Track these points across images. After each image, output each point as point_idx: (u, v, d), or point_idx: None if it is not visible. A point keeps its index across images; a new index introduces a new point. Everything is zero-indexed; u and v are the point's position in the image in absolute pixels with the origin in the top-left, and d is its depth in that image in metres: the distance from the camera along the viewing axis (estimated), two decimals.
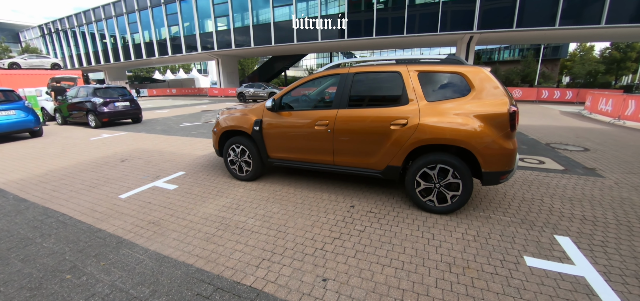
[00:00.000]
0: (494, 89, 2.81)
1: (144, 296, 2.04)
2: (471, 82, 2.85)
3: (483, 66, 3.00)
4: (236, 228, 2.92)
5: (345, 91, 3.33)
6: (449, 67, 2.97)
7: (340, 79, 3.39)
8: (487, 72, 2.87)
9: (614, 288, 1.99)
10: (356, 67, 3.37)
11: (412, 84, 3.02)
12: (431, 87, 2.98)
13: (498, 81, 2.86)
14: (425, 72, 3.02)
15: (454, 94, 2.90)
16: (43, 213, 3.41)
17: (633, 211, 3.13)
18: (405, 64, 3.12)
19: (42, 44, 36.21)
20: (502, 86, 2.86)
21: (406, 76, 3.06)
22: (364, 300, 1.92)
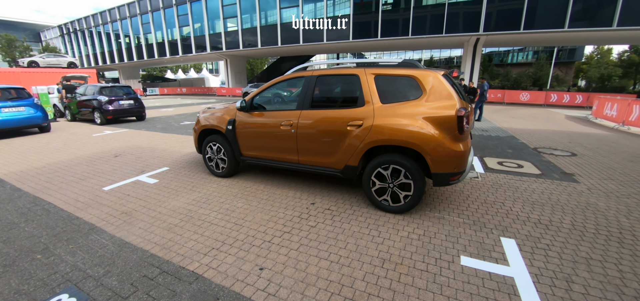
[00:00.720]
0: (444, 92, 2.88)
1: (97, 275, 2.25)
2: (423, 85, 2.94)
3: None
4: (198, 220, 3.11)
5: (308, 92, 3.47)
6: (403, 71, 3.07)
7: (305, 81, 3.54)
8: (438, 75, 2.95)
9: (539, 289, 2.05)
10: (319, 70, 3.50)
11: (369, 87, 3.13)
12: (386, 90, 3.09)
13: (449, 85, 2.93)
14: (381, 75, 3.13)
15: (407, 96, 3.00)
16: (32, 201, 3.70)
17: (594, 216, 3.13)
18: (363, 68, 3.23)
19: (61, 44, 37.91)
20: (453, 89, 2.93)
21: (363, 78, 3.17)
22: (291, 287, 2.06)
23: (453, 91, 2.90)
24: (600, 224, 2.97)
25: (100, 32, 34.99)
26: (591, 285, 2.09)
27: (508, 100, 19.21)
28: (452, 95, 2.86)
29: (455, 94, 2.91)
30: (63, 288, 2.14)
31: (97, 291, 2.09)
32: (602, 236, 2.74)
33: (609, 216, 3.15)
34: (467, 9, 17.93)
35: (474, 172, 4.62)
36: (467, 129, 2.89)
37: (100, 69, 37.98)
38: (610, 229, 2.87)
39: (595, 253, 2.48)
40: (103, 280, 2.21)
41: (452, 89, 2.91)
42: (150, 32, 32.46)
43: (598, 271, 2.24)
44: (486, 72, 34.36)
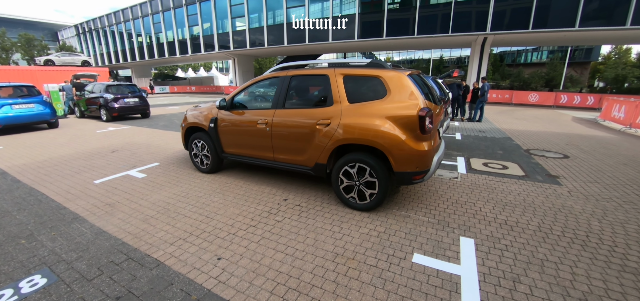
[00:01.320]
0: (408, 92, 2.93)
1: (70, 259, 2.43)
2: (387, 85, 3.00)
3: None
4: (173, 212, 3.27)
5: (282, 92, 3.58)
6: (369, 71, 3.13)
7: (280, 81, 3.65)
8: (403, 76, 3.00)
9: (482, 288, 2.09)
10: (293, 71, 3.61)
11: (337, 87, 3.21)
12: (354, 90, 3.16)
13: (413, 85, 2.98)
14: (349, 75, 3.20)
15: (373, 96, 3.06)
16: (28, 192, 3.96)
17: (564, 219, 3.11)
18: (333, 68, 3.32)
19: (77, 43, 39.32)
20: (418, 89, 2.98)
21: (333, 78, 3.25)
22: (241, 277, 2.18)
23: (417, 91, 2.94)
24: (568, 226, 2.96)
25: (113, 32, 36.10)
26: (538, 286, 2.12)
27: (516, 101, 18.79)
28: (415, 95, 2.91)
29: (420, 94, 2.95)
30: (38, 269, 2.33)
31: (67, 273, 2.27)
32: (566, 238, 2.74)
33: (581, 219, 3.13)
34: (474, 8, 17.63)
35: (455, 172, 4.63)
36: (430, 129, 2.93)
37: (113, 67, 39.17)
38: (577, 232, 2.86)
39: (554, 255, 2.49)
40: (74, 263, 2.39)
41: (417, 90, 2.96)
42: (161, 32, 33.26)
43: (550, 273, 2.26)
44: (497, 72, 33.64)
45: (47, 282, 2.18)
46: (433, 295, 2.01)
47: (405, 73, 3.05)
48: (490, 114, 13.36)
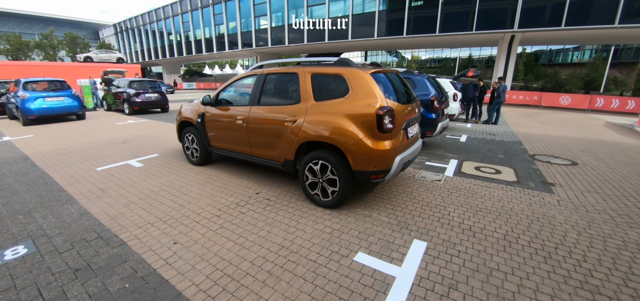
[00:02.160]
0: (368, 90, 2.93)
1: (51, 235, 2.75)
2: (350, 83, 3.02)
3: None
4: (153, 199, 3.53)
5: (257, 89, 3.71)
6: (334, 69, 3.16)
7: (257, 78, 3.79)
8: (364, 74, 3.00)
9: (412, 291, 2.06)
10: (268, 69, 3.72)
11: (305, 85, 3.28)
12: (320, 88, 3.21)
13: (375, 83, 2.97)
14: (316, 73, 3.26)
15: (336, 94, 3.10)
16: (40, 176, 4.45)
17: (539, 229, 2.95)
18: (303, 66, 3.38)
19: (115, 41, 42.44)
20: (381, 88, 2.96)
21: (302, 77, 3.32)
22: (188, 260, 2.35)
23: (378, 90, 2.93)
24: (539, 237, 2.81)
25: (147, 30, 38.49)
26: (474, 295, 2.05)
27: (545, 103, 17.53)
28: (375, 93, 2.90)
29: (382, 93, 2.94)
30: (23, 241, 2.66)
31: (44, 246, 2.57)
32: (530, 249, 2.61)
33: (557, 230, 2.95)
34: (500, 4, 16.68)
35: (440, 175, 4.50)
36: (390, 129, 2.90)
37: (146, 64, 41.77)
38: (546, 243, 2.71)
39: (507, 265, 2.39)
40: (53, 238, 2.70)
41: (378, 88, 2.95)
42: (190, 30, 34.94)
43: (494, 283, 2.17)
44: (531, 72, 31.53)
45: (27, 252, 2.49)
46: (359, 293, 2.03)
47: (368, 71, 3.05)
48: (512, 117, 12.64)
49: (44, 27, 34.94)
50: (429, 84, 5.63)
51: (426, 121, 5.47)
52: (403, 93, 3.50)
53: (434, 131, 5.50)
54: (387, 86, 3.26)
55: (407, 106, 3.33)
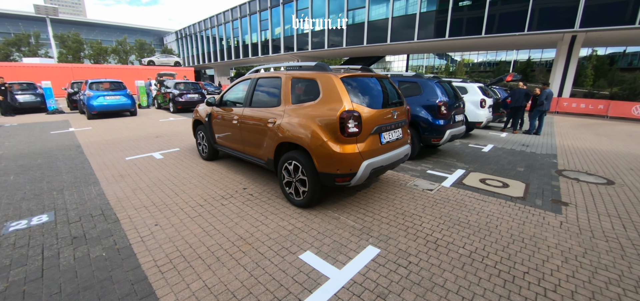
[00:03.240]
0: (336, 95, 3.00)
1: (69, 208, 3.35)
2: (321, 87, 3.12)
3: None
4: (157, 187, 4.04)
5: (249, 92, 4.00)
6: (310, 74, 3.29)
7: (250, 82, 4.08)
8: (334, 78, 3.07)
9: (337, 294, 2.08)
10: (260, 74, 3.98)
11: (286, 89, 3.46)
12: (297, 92, 3.36)
13: (344, 88, 3.02)
14: (296, 78, 3.42)
15: (309, 98, 3.22)
16: (82, 162, 5.34)
17: (517, 250, 2.69)
18: (286, 71, 3.57)
19: (175, 46, 47.45)
20: (346, 92, 3.00)
21: (284, 81, 3.51)
22: (158, 240, 2.70)
23: (345, 94, 2.98)
24: (511, 258, 2.57)
25: (202, 36, 42.32)
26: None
27: (613, 113, 15.10)
28: (341, 98, 2.96)
29: (348, 97, 2.98)
30: (48, 211, 3.29)
31: (61, 217, 3.16)
32: (493, 270, 2.40)
33: (540, 254, 2.66)
34: (558, 2, 14.86)
35: (436, 184, 4.30)
36: (355, 133, 2.93)
37: (200, 67, 45.87)
38: (516, 267, 2.46)
39: (456, 283, 2.22)
40: (69, 212, 3.29)
41: (346, 93, 2.99)
42: (239, 36, 37.56)
43: (430, 299, 2.08)
44: (604, 78, 27.30)
45: (47, 220, 3.10)
46: (286, 287, 2.14)
47: (340, 76, 3.11)
48: (564, 127, 11.21)
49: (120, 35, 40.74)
50: (437, 88, 5.37)
51: (432, 127, 5.24)
52: (385, 98, 3.48)
53: (440, 139, 5.24)
54: (366, 90, 3.28)
55: (384, 111, 3.30)
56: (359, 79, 3.31)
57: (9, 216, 3.18)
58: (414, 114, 5.37)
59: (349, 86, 3.10)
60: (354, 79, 3.24)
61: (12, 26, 36.41)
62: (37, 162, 5.21)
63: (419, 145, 5.42)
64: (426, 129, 5.28)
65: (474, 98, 7.84)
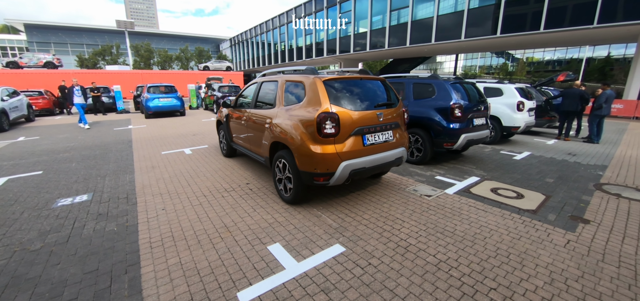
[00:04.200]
0: (316, 97, 3.13)
1: (105, 191, 4.07)
2: (306, 90, 3.28)
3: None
4: (176, 177, 4.63)
5: (255, 95, 4.34)
6: (298, 78, 3.47)
7: (256, 86, 4.42)
8: (316, 82, 3.21)
9: (285, 284, 2.22)
10: (264, 78, 4.29)
11: (280, 92, 3.70)
12: (288, 95, 3.58)
13: (324, 91, 3.14)
14: (288, 81, 3.63)
15: (297, 100, 3.40)
16: (128, 154, 6.31)
17: (495, 264, 2.49)
18: (283, 75, 3.81)
19: (230, 52, 51.49)
20: (325, 95, 3.11)
21: (280, 84, 3.76)
22: (159, 221, 3.16)
23: (324, 97, 3.10)
24: (483, 273, 2.39)
25: (253, 42, 45.25)
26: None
27: None
28: (320, 101, 3.09)
29: (327, 99, 3.09)
30: (89, 193, 4.05)
31: (96, 197, 3.86)
32: (456, 282, 2.28)
33: (522, 271, 2.43)
34: None
35: (437, 191, 4.11)
36: (332, 133, 3.03)
37: (251, 71, 49.02)
38: (484, 282, 2.28)
39: (407, 289, 2.15)
40: (103, 194, 4.00)
41: (325, 95, 3.11)
42: (285, 41, 39.31)
43: (373, 300, 2.11)
44: None
45: (85, 199, 3.82)
46: (244, 271, 2.36)
47: (323, 79, 3.24)
48: (637, 135, 9.46)
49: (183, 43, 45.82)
50: (451, 90, 5.08)
51: (444, 130, 4.98)
52: (372, 100, 3.50)
53: (453, 143, 4.95)
54: (349, 93, 3.36)
55: (368, 113, 3.32)
56: (344, 81, 3.39)
57: (61, 194, 4.00)
58: (426, 116, 5.18)
59: (331, 88, 3.21)
60: (338, 82, 3.34)
61: (99, 39, 43.73)
62: (95, 153, 6.32)
63: (431, 149, 5.20)
64: (438, 132, 5.04)
65: (509, 100, 7.14)
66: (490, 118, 7.33)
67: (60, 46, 45.63)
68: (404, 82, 5.85)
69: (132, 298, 2.08)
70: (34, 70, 21.14)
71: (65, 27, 47.07)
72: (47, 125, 11.02)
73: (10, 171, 5.06)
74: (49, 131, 9.46)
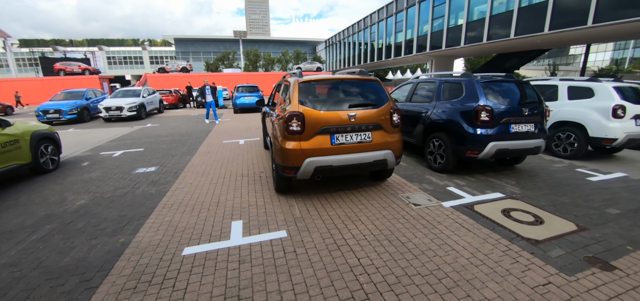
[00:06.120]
0: (291, 97, 3.49)
1: (166, 165, 5.55)
2: (289, 91, 3.67)
3: None
4: (216, 162, 5.80)
5: (273, 94, 4.99)
6: (289, 79, 3.88)
7: (276, 86, 5.06)
8: (296, 84, 3.57)
9: (218, 251, 2.78)
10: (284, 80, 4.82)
11: (288, 92, 4.14)
12: (283, 95, 4.05)
13: (297, 91, 3.47)
14: (285, 83, 4.09)
15: (285, 99, 3.83)
16: (199, 141, 8.06)
17: (422, 282, 2.36)
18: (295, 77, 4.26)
19: (324, 54, 54.64)
20: (296, 96, 3.42)
21: (293, 85, 4.19)
22: (181, 191, 4.22)
23: (295, 98, 3.43)
24: (394, 285, 2.31)
25: (344, 43, 46.75)
26: (243, 278, 2.46)
27: None
28: (292, 100, 3.44)
29: (296, 100, 3.42)
30: (157, 166, 5.59)
31: (159, 170, 5.34)
32: (369, 286, 2.32)
33: (454, 293, 2.23)
34: None
35: (433, 201, 3.77)
36: (297, 131, 3.33)
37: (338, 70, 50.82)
38: (380, 291, 2.25)
39: (304, 282, 2.32)
40: (164, 167, 5.46)
41: (296, 96, 3.44)
42: (375, 40, 39.08)
43: (272, 287, 2.35)
44: None
45: (152, 170, 5.34)
46: (201, 234, 3.02)
47: (301, 80, 3.57)
48: None
49: (284, 47, 51.56)
50: (480, 90, 4.37)
51: (466, 136, 4.39)
52: (345, 101, 3.61)
53: (478, 152, 4.30)
54: (322, 93, 3.60)
55: (338, 113, 3.44)
56: (321, 82, 3.63)
57: (142, 165, 5.67)
58: (448, 119, 4.68)
59: (307, 89, 3.52)
60: (316, 83, 3.61)
61: (222, 46, 54.01)
62: (181, 138, 8.36)
63: (453, 157, 4.66)
64: (461, 138, 4.48)
65: (602, 104, 5.42)
66: (571, 126, 5.80)
67: (195, 54, 58.89)
68: (435, 81, 5.38)
69: (130, 234, 3.04)
70: (174, 74, 28.32)
71: (198, 39, 60.39)
72: (168, 116, 14.88)
73: (127, 147, 7.39)
74: (167, 121, 12.83)
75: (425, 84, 5.73)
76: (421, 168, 5.29)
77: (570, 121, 5.85)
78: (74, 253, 2.77)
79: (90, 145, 7.81)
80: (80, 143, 8.13)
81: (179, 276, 2.41)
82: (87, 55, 43.43)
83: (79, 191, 4.36)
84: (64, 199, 4.06)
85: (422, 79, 5.97)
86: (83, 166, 5.72)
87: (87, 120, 13.21)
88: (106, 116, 12.29)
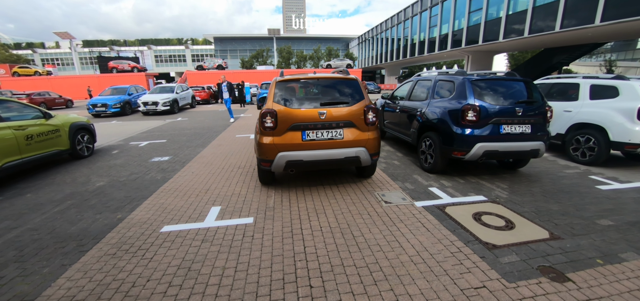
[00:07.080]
0: (269, 95, 3.77)
1: (179, 156, 6.19)
2: (271, 88, 3.95)
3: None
4: (223, 154, 6.32)
5: None
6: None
7: None
8: (273, 82, 3.87)
9: (190, 230, 3.17)
10: None
11: (270, 89, 4.47)
12: None
13: (273, 90, 3.75)
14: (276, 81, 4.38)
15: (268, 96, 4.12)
16: (216, 134, 8.72)
17: (340, 272, 2.50)
18: None
19: (357, 51, 54.12)
20: (272, 94, 3.69)
21: (272, 84, 4.49)
22: (188, 175, 4.74)
23: (271, 96, 3.71)
24: (326, 273, 2.47)
25: (377, 39, 45.88)
26: (192, 246, 2.81)
27: None
28: (268, 98, 3.74)
29: (272, 98, 3.69)
30: (170, 156, 6.26)
31: (171, 159, 5.98)
32: (290, 269, 2.52)
33: (369, 290, 2.35)
34: None
35: (407, 200, 3.79)
36: (269, 127, 3.60)
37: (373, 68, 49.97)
38: (309, 277, 2.41)
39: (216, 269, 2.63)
40: (177, 157, 6.11)
41: (272, 94, 3.72)
42: (408, 35, 37.79)
43: (202, 252, 2.69)
44: None
45: (166, 159, 6.00)
46: (181, 215, 3.44)
47: (280, 79, 3.84)
48: None
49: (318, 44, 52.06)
50: (469, 88, 4.21)
51: (453, 136, 4.28)
52: (317, 99, 3.79)
53: (464, 153, 4.19)
54: (296, 92, 3.83)
55: (309, 110, 3.63)
56: (295, 81, 3.85)
57: (159, 154, 6.39)
58: (436, 118, 4.60)
59: (283, 88, 3.78)
60: (291, 82, 3.85)
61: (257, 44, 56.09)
62: (200, 132, 9.12)
63: (441, 157, 4.58)
64: (447, 138, 4.38)
65: (626, 104, 4.84)
66: (591, 128, 5.31)
67: (232, 52, 61.99)
68: (431, 80, 5.28)
69: (127, 212, 3.57)
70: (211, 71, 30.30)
71: (236, 37, 63.42)
72: (198, 111, 16.07)
73: (154, 138, 8.28)
74: (196, 116, 13.92)
75: (423, 82, 5.65)
76: (412, 167, 5.24)
77: (589, 123, 5.34)
78: (80, 223, 3.35)
79: (124, 136, 8.89)
80: (116, 134, 9.29)
81: (151, 248, 2.83)
82: (136, 54, 48.37)
83: (101, 175, 5.11)
84: (88, 181, 4.81)
85: (423, 77, 5.87)
86: (112, 154, 6.61)
87: (129, 113, 14.88)
88: (144, 110, 13.72)
